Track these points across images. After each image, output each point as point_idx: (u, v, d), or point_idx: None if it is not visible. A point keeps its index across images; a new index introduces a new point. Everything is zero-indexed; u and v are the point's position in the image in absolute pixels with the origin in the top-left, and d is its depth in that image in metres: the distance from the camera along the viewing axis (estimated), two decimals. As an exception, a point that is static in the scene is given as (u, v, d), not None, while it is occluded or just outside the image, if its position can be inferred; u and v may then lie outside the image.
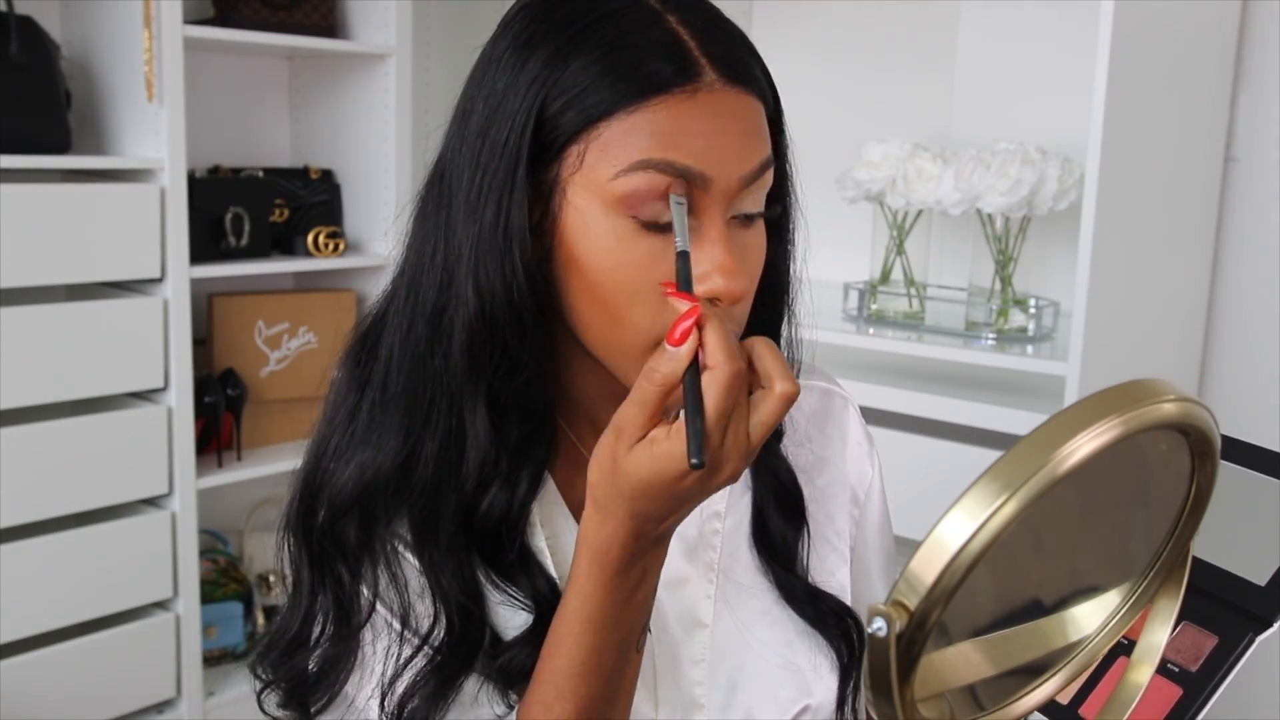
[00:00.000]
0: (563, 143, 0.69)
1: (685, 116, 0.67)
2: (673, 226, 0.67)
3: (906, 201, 2.03)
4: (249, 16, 2.27)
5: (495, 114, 0.70)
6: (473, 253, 0.70)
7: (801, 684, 0.82)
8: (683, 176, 0.67)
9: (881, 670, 0.49)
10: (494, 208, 0.69)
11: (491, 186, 0.70)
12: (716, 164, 0.68)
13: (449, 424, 0.73)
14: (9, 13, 1.96)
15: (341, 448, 0.76)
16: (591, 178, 0.68)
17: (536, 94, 0.69)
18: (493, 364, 0.71)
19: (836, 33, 2.45)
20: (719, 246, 0.68)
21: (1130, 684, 0.67)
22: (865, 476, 0.91)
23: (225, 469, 2.28)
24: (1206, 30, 1.97)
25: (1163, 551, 0.63)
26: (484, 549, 0.75)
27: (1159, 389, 0.50)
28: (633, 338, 0.70)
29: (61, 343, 1.99)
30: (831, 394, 0.92)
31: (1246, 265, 2.10)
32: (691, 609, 0.82)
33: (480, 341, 0.71)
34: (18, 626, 1.97)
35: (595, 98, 0.67)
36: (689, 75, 0.68)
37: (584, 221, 0.69)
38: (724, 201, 0.69)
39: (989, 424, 1.87)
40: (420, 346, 0.73)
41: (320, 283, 2.56)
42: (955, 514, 0.47)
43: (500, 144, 0.69)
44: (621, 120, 0.67)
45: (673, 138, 0.67)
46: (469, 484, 0.73)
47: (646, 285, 0.68)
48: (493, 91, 0.71)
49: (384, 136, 2.47)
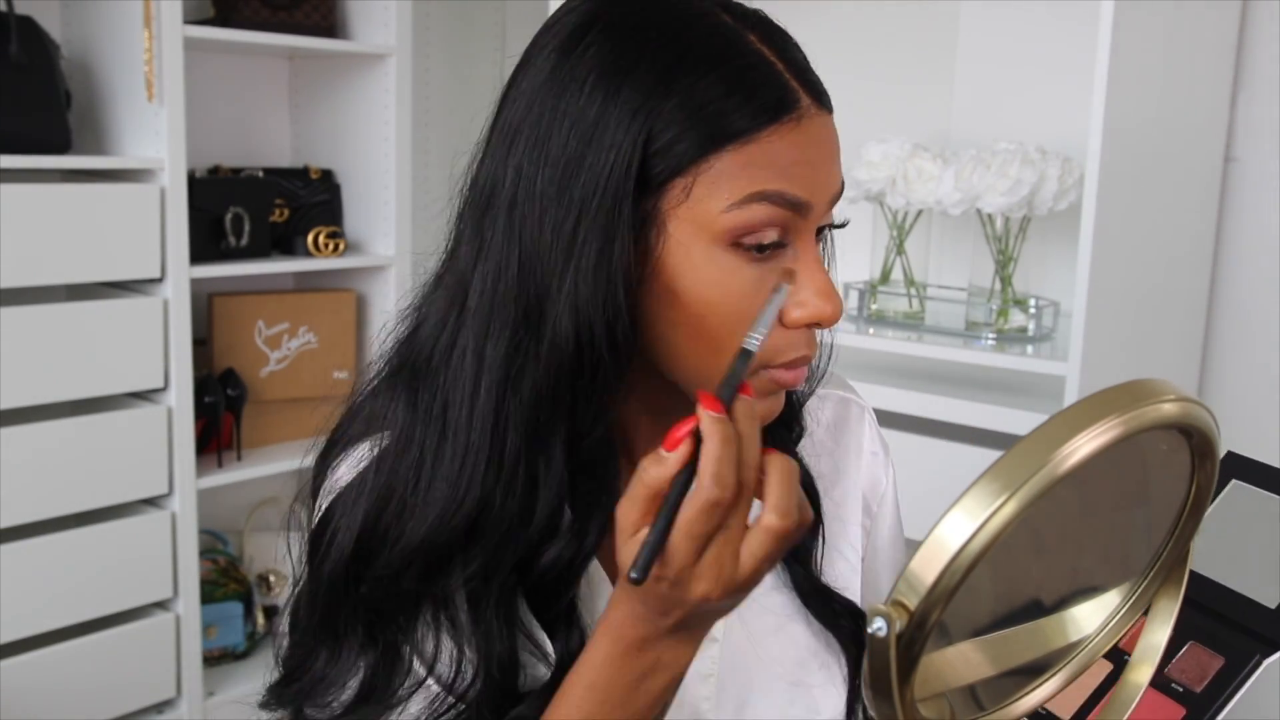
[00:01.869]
0: (666, 177, 0.67)
1: (795, 147, 0.67)
2: (774, 252, 0.68)
3: (906, 201, 2.03)
4: (249, 16, 2.27)
5: (591, 143, 0.66)
6: (571, 293, 0.66)
7: (810, 702, 0.82)
8: (792, 207, 0.67)
9: (881, 670, 0.49)
10: (597, 246, 0.66)
11: (594, 224, 0.66)
12: (817, 190, 0.69)
13: (518, 468, 0.69)
14: (9, 13, 1.96)
15: (407, 503, 0.71)
16: (699, 210, 0.67)
17: (641, 127, 0.66)
18: (579, 408, 0.68)
19: (837, 32, 2.45)
20: (818, 271, 0.69)
21: (1130, 684, 0.67)
22: (879, 485, 0.91)
23: (225, 469, 2.28)
24: (1206, 30, 1.97)
25: (1163, 551, 0.63)
26: (533, 600, 0.72)
27: (1159, 389, 0.50)
28: None
29: (61, 343, 1.99)
30: (849, 403, 0.92)
31: (1246, 265, 2.10)
32: None
33: (568, 385, 0.68)
34: (18, 626, 1.97)
35: (705, 132, 0.66)
36: (790, 107, 0.68)
37: (687, 254, 0.67)
38: (815, 225, 0.70)
39: (989, 424, 1.87)
40: (494, 389, 0.69)
41: (320, 283, 2.56)
42: (955, 514, 0.47)
43: (603, 177, 0.66)
44: (734, 154, 0.66)
45: (786, 169, 0.67)
46: (535, 533, 0.70)
47: (751, 313, 0.67)
48: (581, 119, 0.67)
49: (384, 136, 2.47)
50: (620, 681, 0.65)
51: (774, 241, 0.68)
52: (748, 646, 0.81)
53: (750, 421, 0.61)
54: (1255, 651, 0.73)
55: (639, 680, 0.65)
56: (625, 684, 0.65)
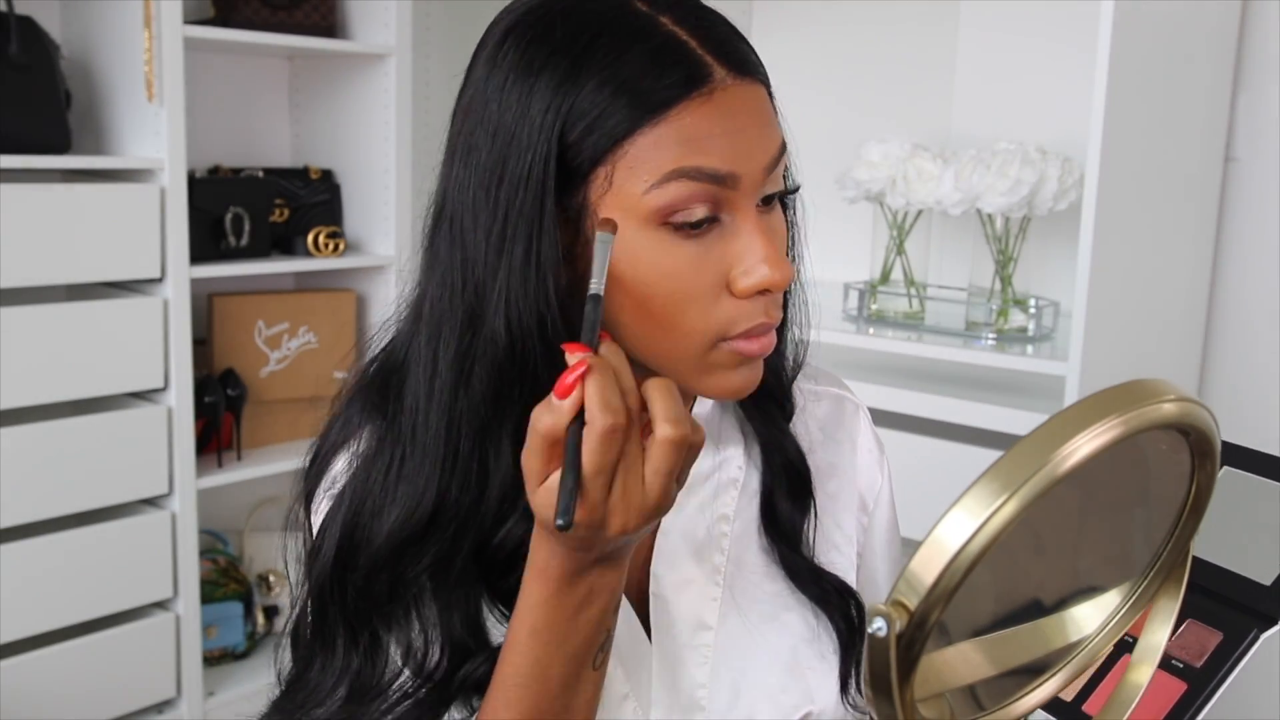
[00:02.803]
0: (588, 168, 0.68)
1: (708, 120, 0.67)
2: (709, 228, 0.68)
3: (906, 201, 2.03)
4: (249, 16, 2.27)
5: (509, 147, 0.69)
6: (503, 291, 0.69)
7: (804, 689, 0.82)
8: (713, 180, 0.67)
9: (881, 670, 0.49)
10: (524, 244, 0.68)
11: (519, 223, 0.68)
12: (743, 160, 0.68)
13: (471, 463, 0.72)
14: (9, 13, 1.96)
15: (377, 506, 0.75)
16: (623, 195, 0.68)
17: (553, 123, 0.67)
18: (522, 398, 0.70)
19: (836, 32, 2.45)
20: (759, 238, 0.69)
21: (1130, 684, 0.67)
22: (875, 484, 0.91)
23: (225, 469, 2.28)
24: (1206, 30, 1.97)
25: (1163, 551, 0.63)
26: (491, 578, 0.74)
27: (1159, 389, 0.50)
28: (687, 341, 0.70)
29: (61, 343, 1.99)
30: (843, 400, 0.92)
31: (1246, 265, 2.10)
32: (697, 611, 0.82)
33: (510, 378, 0.70)
34: (18, 626, 1.97)
35: (615, 118, 0.67)
36: (701, 79, 0.68)
37: (621, 240, 0.68)
38: (752, 193, 0.70)
39: (989, 424, 1.87)
40: (446, 393, 0.72)
41: (320, 283, 2.56)
42: (955, 514, 0.47)
43: (522, 178, 0.68)
44: (646, 135, 0.67)
45: (700, 143, 0.67)
46: (488, 518, 0.73)
47: (695, 289, 0.69)
48: (500, 124, 0.69)
49: (384, 136, 2.47)
50: (559, 618, 0.68)
51: (704, 217, 0.68)
52: (742, 634, 0.82)
53: (618, 356, 0.65)
54: (1253, 626, 0.74)
55: (576, 612, 0.68)
56: (564, 619, 0.68)
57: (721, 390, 0.73)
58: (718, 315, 0.69)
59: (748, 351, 0.71)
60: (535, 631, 0.68)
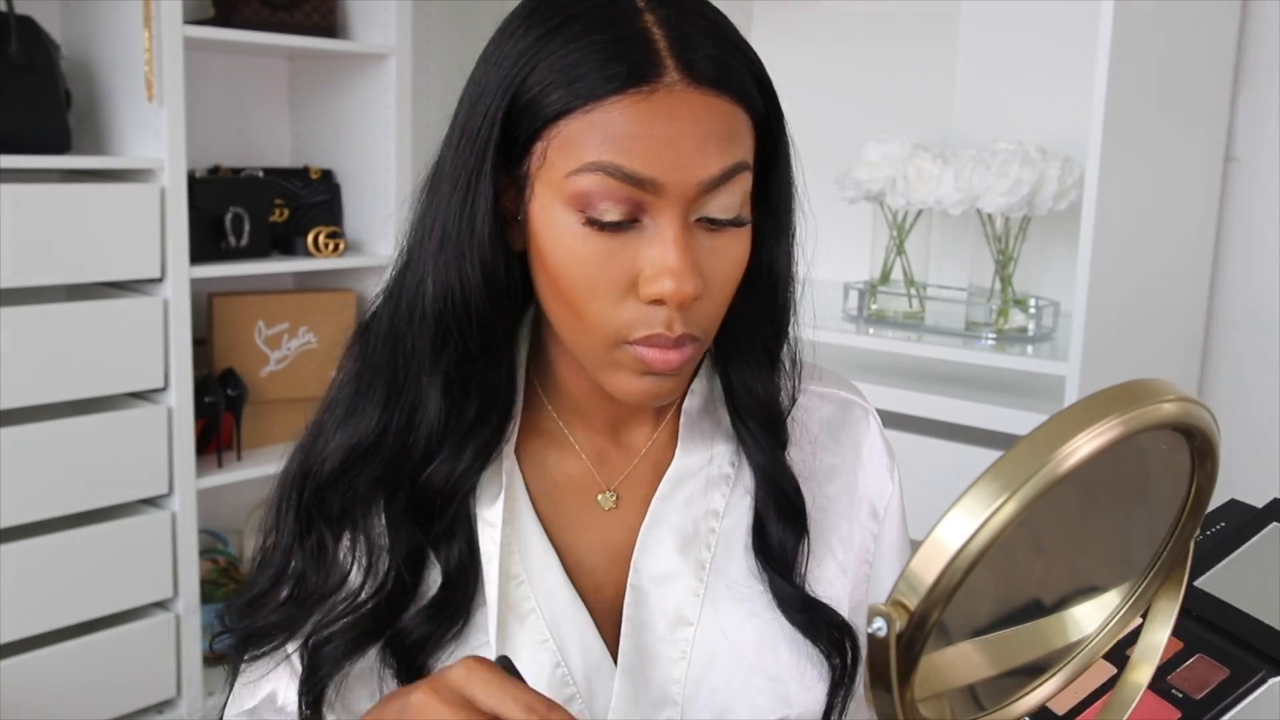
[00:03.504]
0: (529, 138, 0.70)
1: (638, 119, 0.67)
2: (621, 228, 0.69)
3: (906, 201, 2.03)
4: (249, 16, 2.27)
5: (474, 107, 0.72)
6: (444, 241, 0.73)
7: (782, 693, 0.80)
8: (630, 181, 0.67)
9: (881, 670, 0.49)
10: (460, 199, 0.72)
11: (461, 178, 0.72)
12: (670, 169, 0.67)
13: (411, 400, 0.76)
14: (9, 13, 1.96)
15: (332, 423, 0.80)
16: (552, 174, 0.69)
17: (507, 90, 0.70)
18: (455, 345, 0.74)
19: (836, 33, 2.45)
20: (671, 248, 0.68)
21: (1130, 684, 0.67)
22: (885, 491, 0.89)
23: (225, 469, 2.29)
24: (1206, 30, 1.97)
25: (1163, 551, 0.63)
26: (419, 516, 0.77)
27: (1159, 389, 0.50)
28: (592, 332, 0.72)
29: (61, 343, 1.99)
30: (851, 404, 0.90)
31: (1246, 265, 2.10)
32: (677, 606, 0.80)
33: (444, 325, 0.74)
34: (18, 626, 1.97)
35: (556, 95, 0.68)
36: (647, 76, 0.67)
37: (548, 217, 0.70)
38: (680, 205, 0.68)
39: (989, 424, 1.87)
40: (400, 328, 0.76)
41: (320, 283, 2.56)
42: (955, 514, 0.47)
43: (474, 136, 0.71)
44: (579, 118, 0.67)
45: (624, 141, 0.67)
46: (416, 455, 0.76)
47: (600, 282, 0.70)
48: (475, 88, 0.72)
49: (384, 136, 2.47)
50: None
51: (619, 220, 0.68)
52: (722, 633, 0.81)
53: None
54: (1261, 669, 0.73)
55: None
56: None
57: (624, 392, 0.74)
58: (619, 315, 0.70)
59: (648, 360, 0.71)
60: None
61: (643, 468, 0.84)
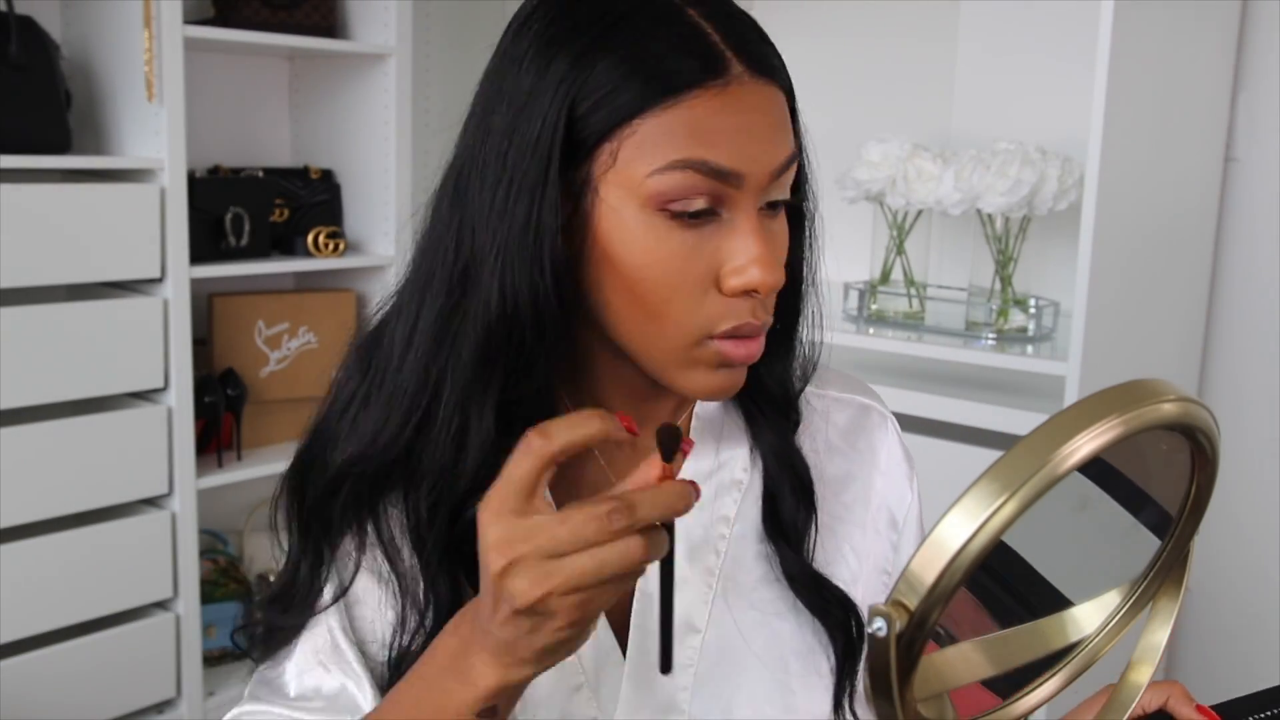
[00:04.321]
0: (594, 141, 0.68)
1: (718, 114, 0.67)
2: (705, 220, 0.68)
3: (906, 201, 2.03)
4: (249, 16, 2.27)
5: (522, 114, 0.69)
6: (500, 254, 0.69)
7: (789, 703, 0.80)
8: (717, 175, 0.68)
9: (881, 670, 0.49)
10: (525, 208, 0.69)
11: (522, 187, 0.69)
12: (749, 160, 0.68)
13: (452, 423, 0.72)
14: (9, 13, 1.96)
15: (337, 432, 0.77)
16: (626, 175, 0.68)
17: (566, 93, 0.68)
18: (507, 366, 0.71)
19: (837, 32, 2.45)
20: (754, 239, 0.69)
21: (1130, 684, 0.67)
22: (904, 500, 0.88)
23: (225, 469, 2.28)
24: (1206, 30, 1.97)
25: (1163, 551, 0.63)
26: (464, 549, 0.73)
27: (1159, 389, 0.50)
28: (673, 331, 0.70)
29: (61, 343, 1.99)
30: (869, 410, 0.90)
31: (1246, 265, 2.10)
32: (686, 612, 0.80)
33: (498, 343, 0.70)
34: (18, 626, 1.97)
35: (626, 96, 0.67)
36: (717, 70, 0.68)
37: (619, 219, 0.69)
38: (755, 195, 0.70)
39: (989, 424, 1.87)
40: (425, 344, 0.73)
41: (320, 283, 2.56)
42: (955, 514, 0.47)
43: (530, 143, 0.69)
44: (655, 117, 0.67)
45: (707, 135, 0.67)
46: (463, 484, 0.73)
47: (684, 280, 0.69)
48: (517, 91, 0.70)
49: (384, 136, 2.47)
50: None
51: (702, 209, 0.68)
52: (730, 640, 0.80)
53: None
54: None
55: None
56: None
57: (700, 389, 0.73)
58: (704, 310, 0.69)
59: (732, 355, 0.71)
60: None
61: None
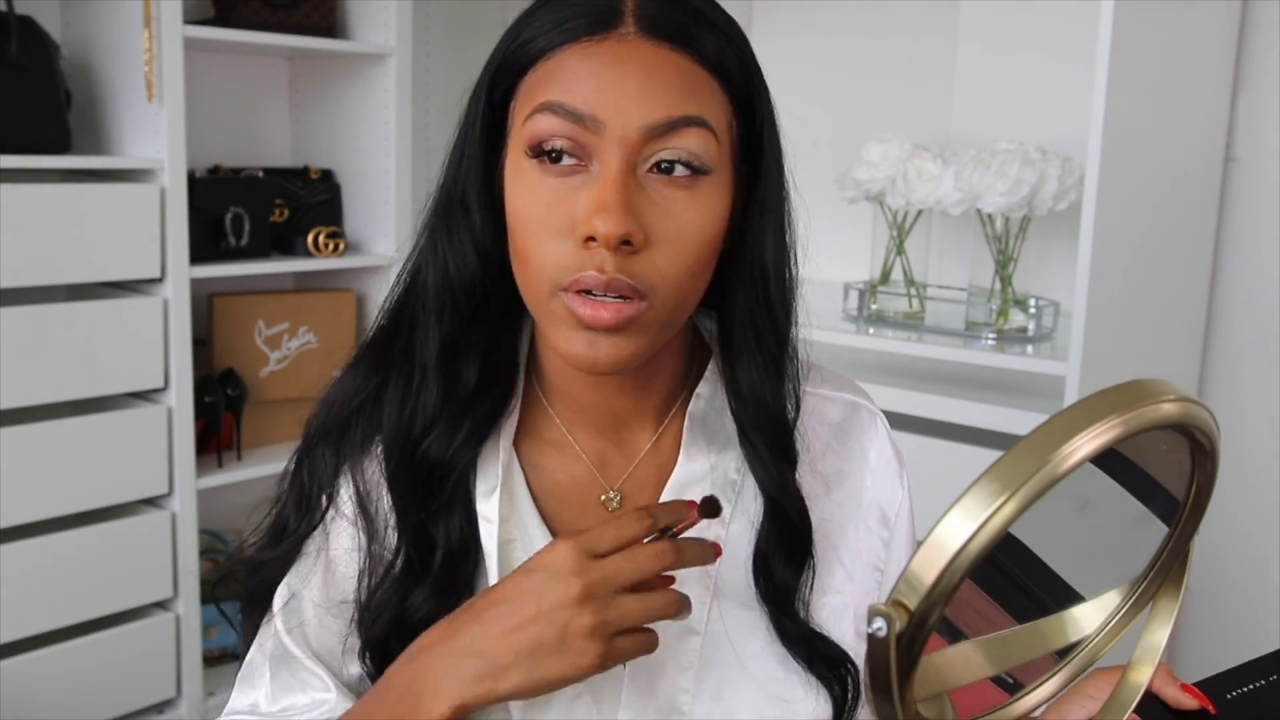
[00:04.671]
0: (505, 102, 0.75)
1: (584, 61, 0.71)
2: (575, 170, 0.71)
3: (906, 201, 2.03)
4: (249, 16, 2.27)
5: (470, 96, 0.78)
6: (437, 212, 0.79)
7: (787, 703, 0.80)
8: (572, 117, 0.70)
9: (881, 670, 0.49)
10: (455, 170, 0.78)
11: (459, 152, 0.78)
12: (611, 108, 0.70)
13: (411, 367, 0.79)
14: (9, 13, 1.96)
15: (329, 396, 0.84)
16: (515, 128, 0.74)
17: (499, 54, 0.75)
18: (449, 314, 0.78)
19: (837, 33, 2.45)
20: (607, 187, 0.70)
21: (1130, 684, 0.67)
22: (895, 498, 0.88)
23: (225, 469, 2.29)
24: (1206, 30, 1.97)
25: (1163, 551, 0.63)
26: (418, 490, 0.78)
27: (1159, 389, 0.50)
28: (535, 281, 0.72)
29: (61, 343, 1.99)
30: (858, 408, 0.90)
31: (1246, 265, 2.10)
32: None
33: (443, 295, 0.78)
34: (18, 626, 1.97)
35: (525, 53, 0.73)
36: (604, 26, 0.71)
37: (514, 171, 0.74)
38: (623, 150, 0.70)
39: (989, 424, 1.87)
40: (398, 297, 0.82)
41: (320, 283, 2.56)
42: (955, 514, 0.47)
43: (466, 113, 0.77)
44: (538, 70, 0.72)
45: (568, 81, 0.70)
46: (417, 425, 0.78)
47: (545, 226, 0.71)
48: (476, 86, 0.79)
49: (384, 136, 2.47)
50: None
51: (561, 151, 0.71)
52: (728, 641, 0.80)
53: None
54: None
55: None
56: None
57: (562, 349, 0.73)
58: (556, 257, 0.71)
59: (579, 312, 0.70)
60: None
61: (645, 469, 0.83)
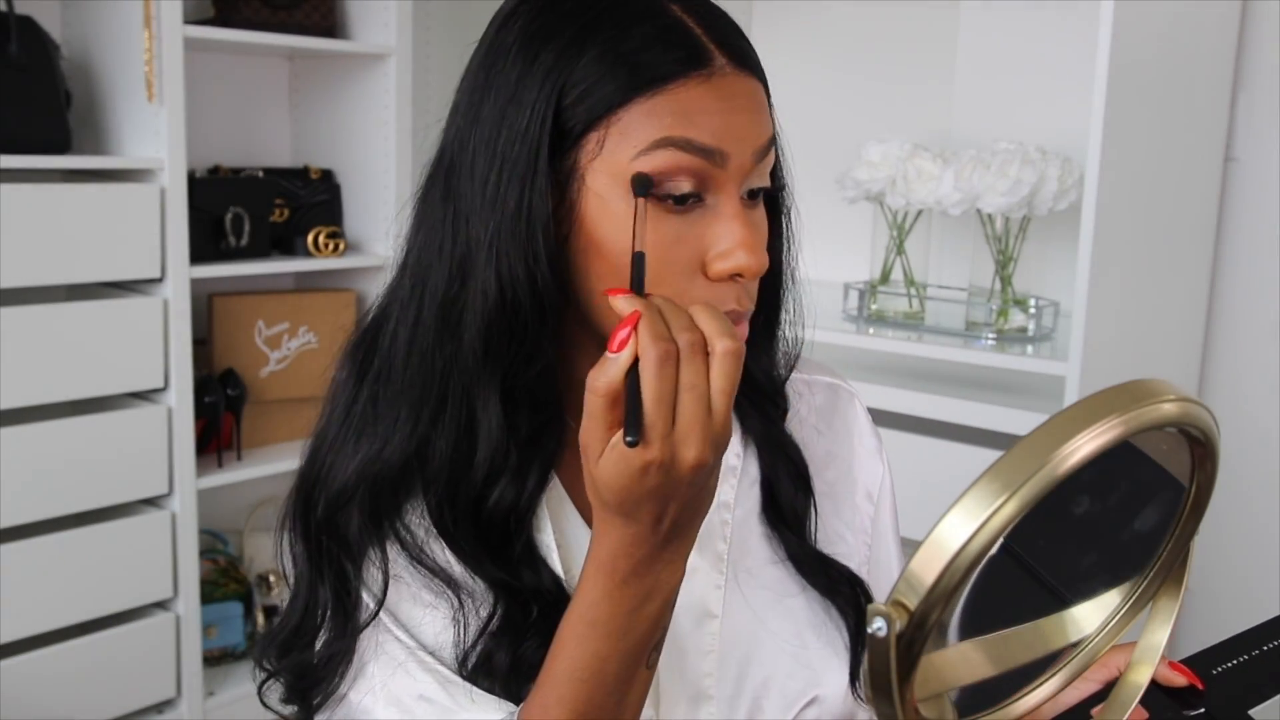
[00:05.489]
0: (580, 130, 0.70)
1: (702, 97, 0.69)
2: (691, 206, 0.69)
3: (906, 201, 2.03)
4: (249, 16, 2.27)
5: (511, 103, 0.71)
6: (493, 242, 0.70)
7: (811, 676, 0.82)
8: (700, 153, 0.69)
9: (881, 670, 0.49)
10: (516, 196, 0.70)
11: (513, 176, 0.70)
12: (732, 139, 0.69)
13: (460, 416, 0.73)
14: (9, 13, 1.96)
15: (340, 440, 0.77)
16: (612, 161, 0.69)
17: (554, 83, 0.70)
18: (509, 354, 0.72)
19: (836, 33, 2.45)
20: (738, 222, 0.70)
21: (1130, 684, 0.67)
22: (876, 474, 0.92)
23: (225, 469, 2.28)
24: (1206, 30, 1.97)
25: (1163, 551, 0.63)
26: (490, 542, 0.75)
27: (1159, 389, 0.50)
28: None
29: (61, 343, 1.99)
30: (838, 389, 0.93)
31: (1246, 265, 2.10)
32: (701, 600, 0.82)
33: (498, 331, 0.71)
34: (18, 626, 1.97)
35: (612, 86, 0.69)
36: (702, 61, 0.70)
37: (605, 205, 0.70)
38: (739, 178, 0.70)
39: (989, 424, 1.87)
40: (428, 339, 0.74)
41: (320, 283, 2.56)
42: (955, 514, 0.47)
43: (520, 133, 0.70)
44: (641, 105, 0.69)
45: (691, 117, 0.69)
46: (479, 476, 0.74)
47: (670, 266, 0.69)
48: (505, 83, 0.71)
49: (384, 136, 2.47)
50: (619, 612, 0.67)
51: (688, 193, 0.69)
52: (747, 622, 0.82)
53: (666, 301, 0.65)
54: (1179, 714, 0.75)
55: (638, 605, 0.67)
56: (624, 614, 0.67)
57: None
58: (690, 295, 0.70)
59: None
60: (594, 624, 0.67)
61: None
